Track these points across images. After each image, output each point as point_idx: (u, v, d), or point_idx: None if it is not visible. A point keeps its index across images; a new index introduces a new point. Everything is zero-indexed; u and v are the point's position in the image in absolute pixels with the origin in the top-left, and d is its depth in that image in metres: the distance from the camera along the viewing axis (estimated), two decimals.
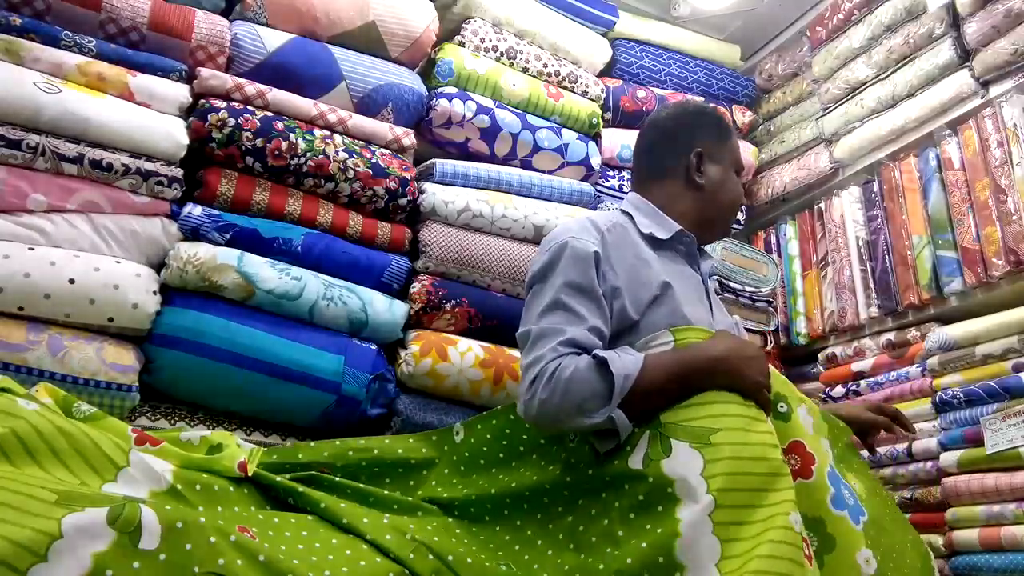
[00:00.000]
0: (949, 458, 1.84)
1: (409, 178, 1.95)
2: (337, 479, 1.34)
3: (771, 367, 1.39)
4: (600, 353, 1.28)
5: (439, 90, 2.11)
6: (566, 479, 1.32)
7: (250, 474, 1.21)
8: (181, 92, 1.75)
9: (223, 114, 1.75)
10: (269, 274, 1.71)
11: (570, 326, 1.32)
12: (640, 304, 1.39)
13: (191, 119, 1.75)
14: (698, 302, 1.47)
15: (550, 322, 1.33)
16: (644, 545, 1.12)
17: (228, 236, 1.72)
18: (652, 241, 1.49)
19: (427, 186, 2.00)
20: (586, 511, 1.25)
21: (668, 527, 1.12)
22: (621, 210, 1.57)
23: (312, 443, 1.41)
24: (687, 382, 1.27)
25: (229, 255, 1.69)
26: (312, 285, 1.75)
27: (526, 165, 2.21)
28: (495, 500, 1.35)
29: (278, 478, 1.25)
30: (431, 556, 1.17)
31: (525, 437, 1.42)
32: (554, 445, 1.39)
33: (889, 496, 1.38)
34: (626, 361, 1.27)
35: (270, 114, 1.83)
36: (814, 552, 1.26)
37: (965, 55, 2.09)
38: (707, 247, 2.33)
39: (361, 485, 1.34)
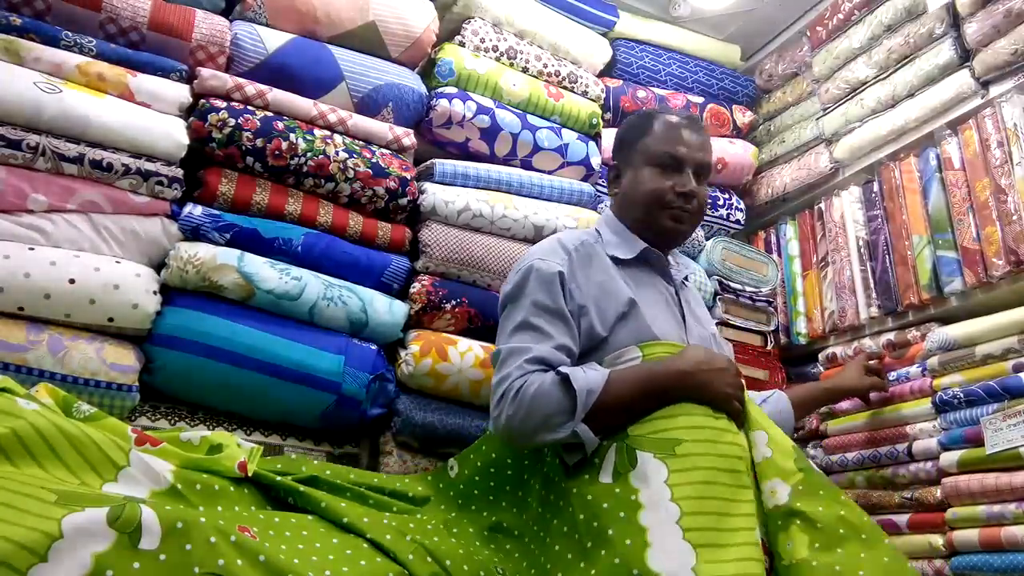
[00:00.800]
0: (949, 458, 1.83)
1: (409, 178, 1.95)
2: (338, 481, 1.34)
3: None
4: (564, 369, 1.31)
5: (439, 90, 2.11)
6: (543, 493, 1.35)
7: (250, 474, 1.21)
8: (181, 92, 1.75)
9: (223, 114, 1.75)
10: (269, 274, 1.71)
11: (537, 344, 1.35)
12: (607, 320, 1.42)
13: (191, 119, 1.75)
14: (667, 316, 1.49)
15: (518, 341, 1.37)
16: (616, 561, 1.13)
17: (228, 236, 1.72)
18: (618, 260, 1.52)
19: (427, 186, 2.00)
20: (559, 528, 1.27)
21: (636, 536, 1.14)
22: (596, 227, 1.62)
23: (316, 461, 1.44)
24: (654, 395, 1.29)
25: (229, 255, 1.69)
26: (312, 285, 1.75)
27: (526, 165, 2.21)
28: (494, 526, 1.38)
29: (278, 477, 1.25)
30: (430, 559, 1.17)
31: (510, 461, 1.44)
32: (537, 462, 1.40)
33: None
34: (590, 376, 1.30)
35: (270, 114, 1.83)
36: None
37: (965, 55, 2.09)
38: (706, 247, 2.35)
39: (362, 489, 1.35)
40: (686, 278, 1.67)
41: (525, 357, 1.34)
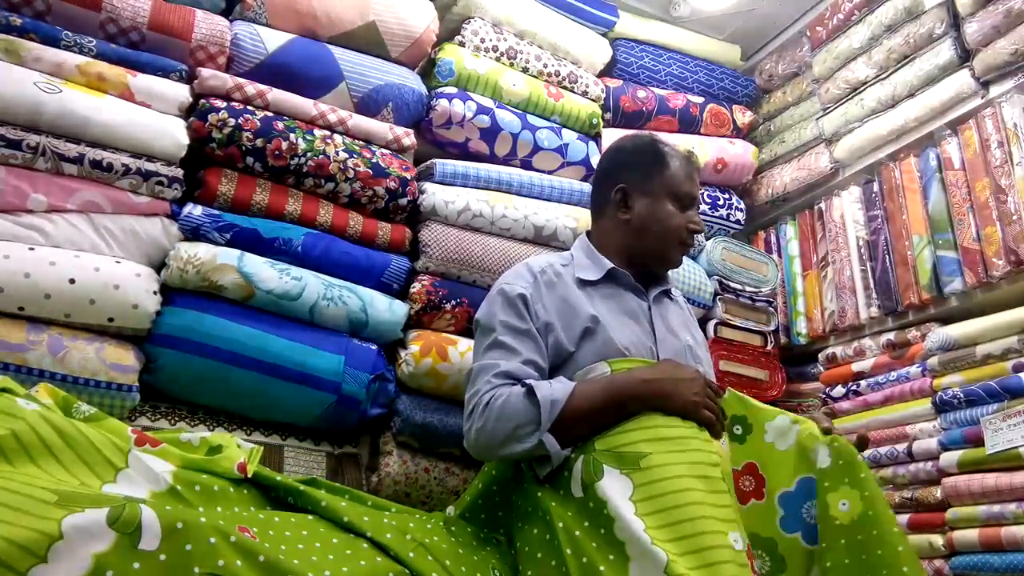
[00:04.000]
0: (949, 458, 1.84)
1: (409, 178, 1.95)
2: (337, 484, 1.35)
3: (735, 392, 1.45)
4: (530, 382, 1.34)
5: (439, 90, 2.11)
6: (518, 503, 1.36)
7: (249, 475, 1.21)
8: (181, 92, 1.75)
9: (223, 114, 1.75)
10: (269, 274, 1.71)
11: (505, 360, 1.40)
12: (574, 336, 1.45)
13: (191, 119, 1.75)
14: (635, 331, 1.51)
15: (488, 358, 1.42)
16: (602, 568, 1.16)
17: (228, 236, 1.72)
18: (585, 282, 1.56)
19: (427, 186, 2.00)
20: (540, 536, 1.28)
21: (616, 551, 1.17)
22: (571, 251, 1.66)
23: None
24: (618, 406, 1.32)
25: (229, 255, 1.69)
26: (312, 285, 1.75)
27: (526, 165, 2.21)
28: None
29: (278, 477, 1.25)
30: (430, 558, 1.17)
31: (496, 488, 1.45)
32: (519, 480, 1.41)
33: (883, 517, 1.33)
34: (555, 388, 1.33)
35: (270, 114, 1.83)
36: (766, 573, 1.33)
37: (965, 55, 2.09)
38: (706, 247, 2.35)
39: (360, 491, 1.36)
40: (668, 293, 1.69)
41: (493, 372, 1.38)
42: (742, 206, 2.56)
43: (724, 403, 1.41)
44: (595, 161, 2.26)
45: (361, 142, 1.94)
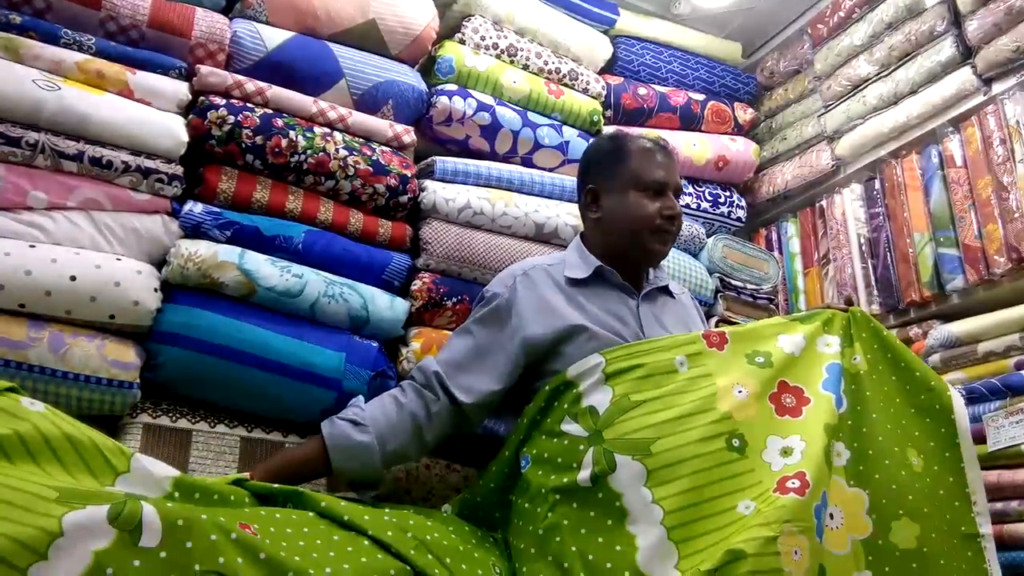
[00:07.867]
0: None
1: (410, 175, 1.95)
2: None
3: (736, 331, 1.47)
4: (353, 411, 1.49)
5: (439, 87, 2.11)
6: (516, 501, 1.37)
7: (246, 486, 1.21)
8: (181, 89, 1.74)
9: (223, 111, 1.75)
10: (270, 271, 1.71)
11: (444, 354, 1.56)
12: (547, 336, 1.49)
13: (191, 116, 1.75)
14: (621, 332, 1.52)
15: (446, 345, 1.60)
16: (608, 566, 1.18)
17: (229, 233, 1.71)
18: (574, 281, 1.60)
19: (428, 183, 1.99)
20: (536, 532, 1.29)
21: (625, 543, 1.18)
22: (566, 253, 1.70)
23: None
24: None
25: (230, 252, 1.68)
26: (313, 282, 1.75)
27: (527, 162, 2.21)
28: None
29: (275, 486, 1.25)
30: (430, 555, 1.17)
31: (493, 485, 1.45)
32: (513, 481, 1.42)
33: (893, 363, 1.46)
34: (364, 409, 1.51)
35: (270, 111, 1.82)
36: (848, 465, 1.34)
37: (967, 52, 2.09)
38: (707, 244, 2.35)
39: None
40: (666, 291, 1.69)
41: (432, 367, 1.51)
42: (743, 203, 2.56)
43: (739, 339, 1.43)
44: None
45: (361, 139, 1.93)
